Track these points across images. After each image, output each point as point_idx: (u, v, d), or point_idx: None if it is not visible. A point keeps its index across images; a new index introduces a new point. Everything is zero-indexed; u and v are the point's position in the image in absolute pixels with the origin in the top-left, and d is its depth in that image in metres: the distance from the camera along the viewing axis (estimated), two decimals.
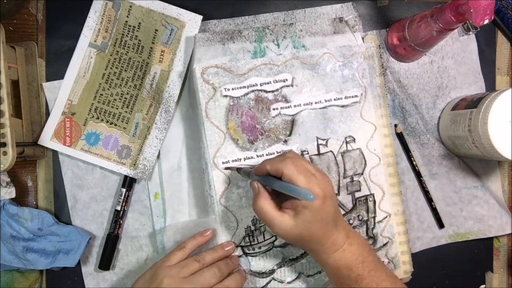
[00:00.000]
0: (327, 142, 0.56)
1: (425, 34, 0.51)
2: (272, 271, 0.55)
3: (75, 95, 0.57)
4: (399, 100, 0.59)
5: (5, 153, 0.48)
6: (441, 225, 0.60)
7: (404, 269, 0.57)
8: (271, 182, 0.46)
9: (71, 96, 0.57)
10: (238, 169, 0.52)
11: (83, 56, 0.57)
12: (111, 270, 0.57)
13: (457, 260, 0.61)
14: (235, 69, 0.54)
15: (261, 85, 0.54)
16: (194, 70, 0.53)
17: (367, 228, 0.56)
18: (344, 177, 0.56)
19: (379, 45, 0.59)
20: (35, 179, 0.58)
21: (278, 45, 0.56)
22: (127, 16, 0.56)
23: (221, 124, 0.54)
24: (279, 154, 0.51)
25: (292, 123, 0.55)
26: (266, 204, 0.46)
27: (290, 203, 0.45)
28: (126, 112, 0.57)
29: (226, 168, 0.54)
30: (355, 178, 0.56)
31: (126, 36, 0.56)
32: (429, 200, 0.60)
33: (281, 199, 0.47)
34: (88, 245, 0.56)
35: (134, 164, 0.56)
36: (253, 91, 0.54)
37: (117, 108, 0.57)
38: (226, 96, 0.54)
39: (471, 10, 0.43)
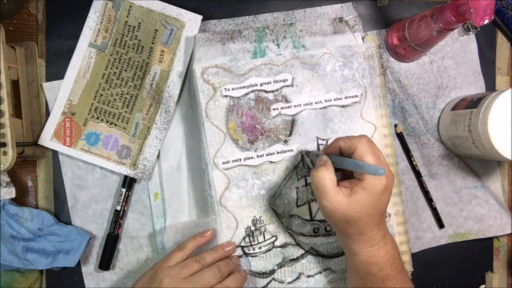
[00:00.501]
0: (327, 142, 0.56)
1: (425, 34, 0.51)
2: (272, 271, 0.55)
3: (75, 95, 0.57)
4: (399, 100, 0.59)
5: (5, 153, 0.48)
6: (441, 225, 0.60)
7: None
8: (340, 160, 0.46)
9: (71, 96, 0.57)
10: (307, 153, 0.53)
11: (83, 56, 0.57)
12: (111, 270, 0.57)
13: (457, 260, 0.61)
14: (235, 69, 0.54)
15: (261, 85, 0.54)
16: (194, 70, 0.53)
17: None
18: None
19: (379, 45, 0.59)
20: (35, 179, 0.58)
21: (278, 45, 0.56)
22: (127, 16, 0.56)
23: (221, 124, 0.54)
24: None
25: (292, 123, 0.55)
26: (327, 175, 0.44)
27: (349, 182, 0.44)
28: (126, 112, 0.57)
29: (304, 154, 0.54)
30: None
31: (126, 36, 0.56)
32: (429, 200, 0.60)
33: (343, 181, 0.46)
34: (88, 245, 0.56)
35: (134, 164, 0.56)
36: (253, 91, 0.54)
37: (117, 108, 0.57)
38: (226, 96, 0.54)
39: (471, 10, 0.43)
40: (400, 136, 0.60)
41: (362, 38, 0.58)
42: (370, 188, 0.43)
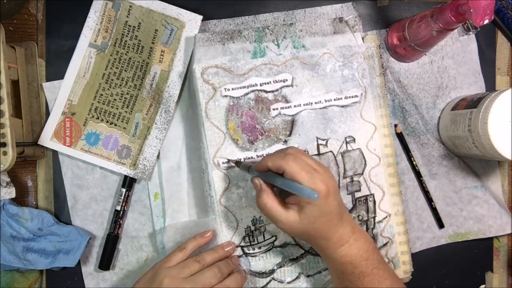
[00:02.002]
0: (327, 142, 0.56)
1: (425, 34, 0.51)
2: (272, 271, 0.55)
3: (75, 95, 0.57)
4: (399, 100, 0.59)
5: (5, 153, 0.48)
6: (441, 225, 0.60)
7: (404, 269, 0.57)
8: (273, 179, 0.45)
9: (71, 96, 0.57)
10: (237, 163, 0.52)
11: (83, 56, 0.57)
12: (111, 270, 0.57)
13: (457, 260, 0.61)
14: (235, 69, 0.54)
15: (261, 85, 0.54)
16: (194, 70, 0.53)
17: (367, 228, 0.56)
18: (344, 177, 0.56)
19: (379, 45, 0.59)
20: (35, 179, 0.58)
21: (278, 45, 0.56)
22: (127, 16, 0.56)
23: (221, 124, 0.54)
24: (279, 150, 0.50)
25: (292, 123, 0.55)
26: (270, 200, 0.45)
27: (294, 198, 0.45)
28: (126, 112, 0.57)
29: (228, 162, 0.53)
30: (355, 178, 0.56)
31: (126, 36, 0.56)
32: (429, 200, 0.60)
33: (284, 193, 0.46)
34: (88, 245, 0.56)
35: (134, 164, 0.56)
36: (253, 91, 0.54)
37: (117, 108, 0.57)
38: (226, 96, 0.54)
39: (471, 10, 0.43)
40: (400, 136, 0.60)
41: (362, 38, 0.58)
42: (313, 200, 0.43)
